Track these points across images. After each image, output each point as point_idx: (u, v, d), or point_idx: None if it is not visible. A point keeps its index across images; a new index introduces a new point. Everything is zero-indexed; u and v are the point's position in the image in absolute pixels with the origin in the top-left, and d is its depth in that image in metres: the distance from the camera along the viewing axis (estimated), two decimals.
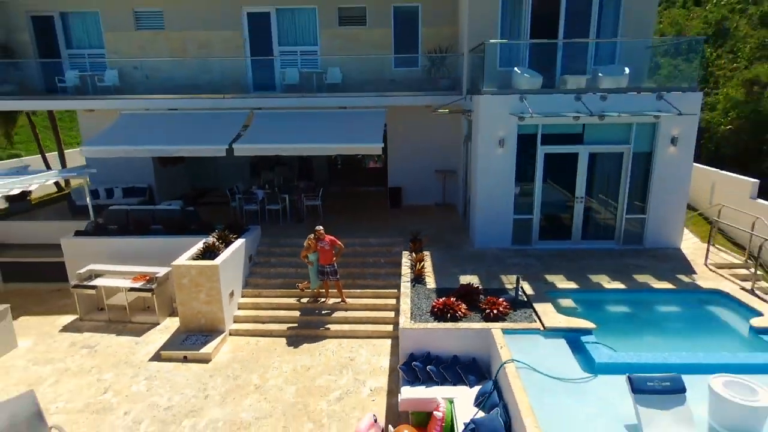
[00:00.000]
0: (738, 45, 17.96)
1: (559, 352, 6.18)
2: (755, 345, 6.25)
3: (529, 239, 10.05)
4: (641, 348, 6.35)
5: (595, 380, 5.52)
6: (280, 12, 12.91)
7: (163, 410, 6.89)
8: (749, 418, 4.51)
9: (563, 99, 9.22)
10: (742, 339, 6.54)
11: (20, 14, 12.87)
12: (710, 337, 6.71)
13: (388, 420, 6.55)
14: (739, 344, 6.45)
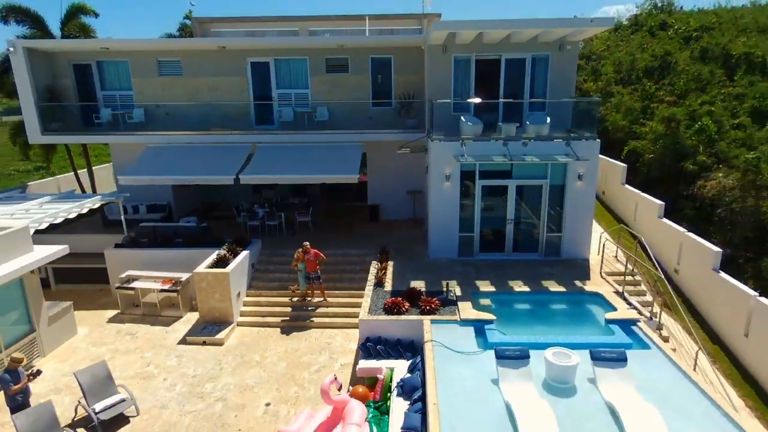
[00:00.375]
0: (674, 79, 20.62)
1: (467, 335, 8.88)
2: (605, 331, 8.95)
3: (472, 252, 12.75)
4: (531, 334, 9.03)
5: (484, 353, 8.21)
6: (278, 62, 15.59)
7: (190, 377, 9.62)
8: (563, 372, 7.22)
9: (495, 144, 11.93)
10: (599, 327, 9.23)
11: (64, 63, 15.56)
12: (579, 327, 9.41)
13: (351, 383, 9.25)
14: (596, 331, 9.14)
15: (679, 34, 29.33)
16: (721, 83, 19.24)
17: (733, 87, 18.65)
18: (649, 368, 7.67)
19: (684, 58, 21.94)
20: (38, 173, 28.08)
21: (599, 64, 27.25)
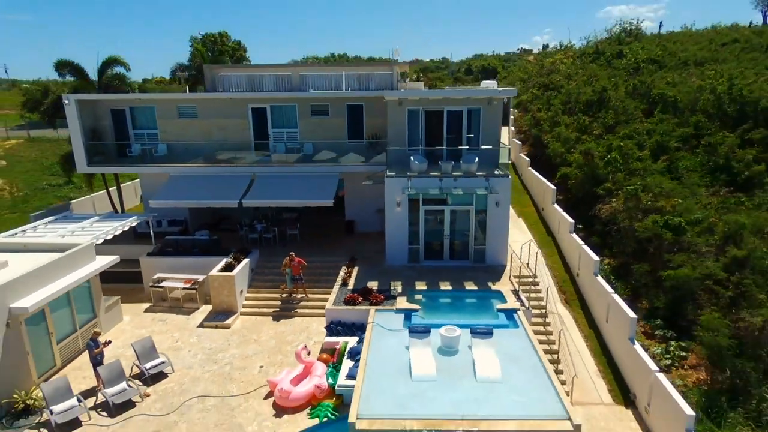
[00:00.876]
0: (605, 113, 24.49)
1: (399, 319, 12.78)
2: (495, 316, 12.84)
3: (418, 259, 16.66)
4: (445, 319, 12.86)
5: (405, 331, 12.10)
6: (273, 107, 19.55)
7: (207, 349, 13.56)
8: (450, 341, 11.12)
9: (433, 180, 15.84)
10: (493, 314, 13.11)
11: (104, 108, 19.54)
12: (480, 314, 13.28)
13: (319, 352, 13.15)
14: (490, 316, 13.02)
15: (629, 65, 33.32)
16: (639, 119, 23.12)
17: (647, 123, 22.52)
18: (512, 339, 11.57)
19: (618, 96, 25.82)
20: (67, 187, 32.03)
21: (553, 94, 31.14)
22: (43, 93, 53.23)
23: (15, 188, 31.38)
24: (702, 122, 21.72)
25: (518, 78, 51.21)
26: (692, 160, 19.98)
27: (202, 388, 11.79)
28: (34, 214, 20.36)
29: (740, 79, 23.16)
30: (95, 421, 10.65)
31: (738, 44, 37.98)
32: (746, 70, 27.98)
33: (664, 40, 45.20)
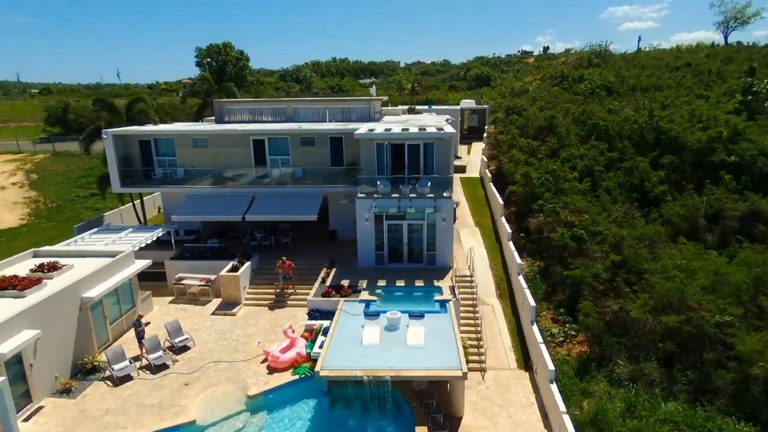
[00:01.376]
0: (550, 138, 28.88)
1: (360, 307, 17.21)
2: (432, 305, 17.25)
3: (383, 262, 21.08)
4: (395, 307, 17.27)
5: (363, 315, 16.53)
6: (270, 139, 23.98)
7: (218, 331, 18.03)
8: (393, 322, 15.55)
9: (394, 200, 20.26)
10: (431, 303, 17.52)
11: (133, 140, 24.05)
12: (422, 303, 17.69)
13: (302, 332, 17.58)
14: (429, 305, 17.42)
15: (585, 90, 37.72)
16: (576, 145, 27.50)
17: (582, 149, 26.90)
18: (439, 321, 15.96)
19: (565, 122, 30.21)
20: (93, 199, 36.51)
21: (515, 118, 35.55)
22: (63, 109, 58.16)
23: (48, 200, 35.97)
24: (626, 148, 26.13)
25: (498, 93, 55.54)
26: (613, 180, 24.39)
27: (216, 356, 16.25)
28: (77, 225, 24.86)
29: (659, 111, 27.52)
30: (142, 377, 15.13)
31: (690, 68, 42.47)
32: (678, 98, 32.45)
33: (629, 61, 49.66)
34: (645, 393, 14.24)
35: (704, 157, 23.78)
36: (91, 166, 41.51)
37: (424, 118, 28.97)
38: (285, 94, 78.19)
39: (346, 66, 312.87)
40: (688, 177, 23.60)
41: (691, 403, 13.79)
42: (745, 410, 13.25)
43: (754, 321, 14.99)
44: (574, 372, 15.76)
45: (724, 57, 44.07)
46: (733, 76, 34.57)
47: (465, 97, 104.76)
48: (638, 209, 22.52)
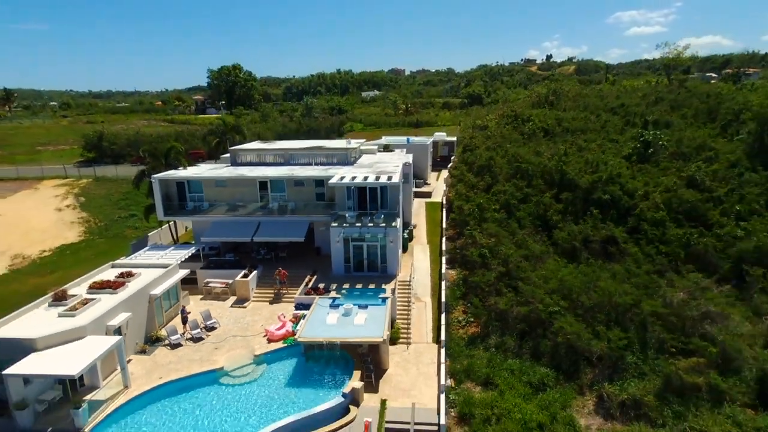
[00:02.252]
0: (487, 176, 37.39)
1: (328, 302, 25.77)
2: (377, 300, 25.79)
3: (350, 271, 29.67)
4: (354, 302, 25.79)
5: (331, 307, 25.11)
6: (272, 181, 32.75)
7: (234, 317, 26.75)
8: (348, 312, 24.17)
9: (357, 228, 28.90)
10: (377, 299, 26.06)
11: (172, 182, 32.91)
12: (371, 299, 26.22)
13: (291, 318, 26.21)
14: (373, 300, 25.94)
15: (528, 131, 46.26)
16: (502, 182, 36.00)
17: (507, 185, 35.40)
18: (378, 310, 24.43)
19: (500, 163, 38.73)
20: (132, 219, 45.42)
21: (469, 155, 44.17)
22: (99, 137, 67.52)
23: (97, 219, 44.98)
24: (539, 185, 34.65)
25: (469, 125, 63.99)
26: (524, 211, 32.89)
27: (233, 333, 24.90)
28: (132, 243, 33.72)
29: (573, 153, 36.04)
30: (187, 345, 23.80)
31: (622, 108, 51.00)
32: (594, 142, 40.98)
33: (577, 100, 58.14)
34: (503, 356, 22.77)
35: (590, 194, 32.33)
36: (127, 191, 50.60)
37: (387, 161, 37.44)
38: (289, 119, 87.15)
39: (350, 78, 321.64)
40: (579, 209, 32.13)
41: (529, 361, 22.31)
42: (555, 364, 21.77)
43: (576, 310, 23.50)
44: (465, 344, 24.27)
45: (652, 99, 52.58)
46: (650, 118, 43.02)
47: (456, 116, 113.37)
48: (540, 233, 31.08)
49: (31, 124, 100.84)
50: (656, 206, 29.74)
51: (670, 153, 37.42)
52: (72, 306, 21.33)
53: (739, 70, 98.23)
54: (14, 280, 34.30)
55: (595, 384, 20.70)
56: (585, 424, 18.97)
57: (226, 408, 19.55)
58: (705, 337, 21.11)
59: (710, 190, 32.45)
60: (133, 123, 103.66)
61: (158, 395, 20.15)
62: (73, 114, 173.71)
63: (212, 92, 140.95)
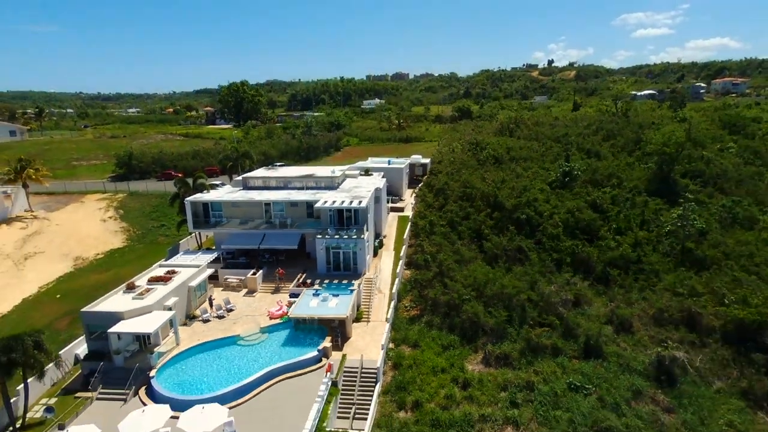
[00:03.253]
0: (441, 197, 47.84)
1: (312, 292, 36.38)
2: (345, 291, 36.33)
3: (330, 270, 40.23)
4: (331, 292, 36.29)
5: (314, 294, 35.69)
6: (273, 203, 43.43)
7: (247, 303, 37.41)
8: (324, 297, 34.75)
9: (335, 239, 39.50)
10: (345, 290, 36.59)
11: (199, 204, 43.64)
12: (341, 290, 36.75)
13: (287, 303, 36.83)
14: (343, 291, 36.46)
15: (484, 157, 56.65)
16: (452, 203, 46.40)
17: (454, 205, 45.81)
18: (346, 297, 34.90)
19: (453, 187, 49.14)
20: (162, 228, 56.12)
21: (431, 178, 54.64)
22: (129, 156, 78.51)
23: (135, 229, 55.83)
24: (479, 206, 45.10)
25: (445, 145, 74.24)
26: (465, 226, 43.34)
27: (246, 313, 35.50)
28: (169, 248, 44.43)
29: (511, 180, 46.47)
30: (214, 321, 34.45)
31: (565, 137, 61.29)
32: (530, 169, 51.37)
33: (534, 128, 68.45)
34: (429, 329, 33.28)
35: (512, 214, 42.81)
36: (156, 204, 61.51)
37: (363, 185, 47.73)
38: (291, 137, 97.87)
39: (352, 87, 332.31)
40: (504, 225, 42.58)
41: (445, 332, 32.80)
42: (462, 333, 32.26)
43: (481, 298, 33.99)
44: (406, 322, 34.77)
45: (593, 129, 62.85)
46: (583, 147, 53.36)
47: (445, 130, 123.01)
48: (474, 243, 41.54)
49: (62, 139, 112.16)
50: (555, 224, 40.15)
51: (583, 180, 47.80)
52: (140, 292, 32.04)
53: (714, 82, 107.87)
54: (79, 276, 45.13)
55: (485, 346, 31.15)
56: (470, 368, 29.45)
57: (240, 359, 30.12)
58: (558, 316, 31.54)
59: (605, 211, 42.85)
60: (152, 137, 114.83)
61: (197, 350, 30.76)
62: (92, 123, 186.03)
63: (222, 106, 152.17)
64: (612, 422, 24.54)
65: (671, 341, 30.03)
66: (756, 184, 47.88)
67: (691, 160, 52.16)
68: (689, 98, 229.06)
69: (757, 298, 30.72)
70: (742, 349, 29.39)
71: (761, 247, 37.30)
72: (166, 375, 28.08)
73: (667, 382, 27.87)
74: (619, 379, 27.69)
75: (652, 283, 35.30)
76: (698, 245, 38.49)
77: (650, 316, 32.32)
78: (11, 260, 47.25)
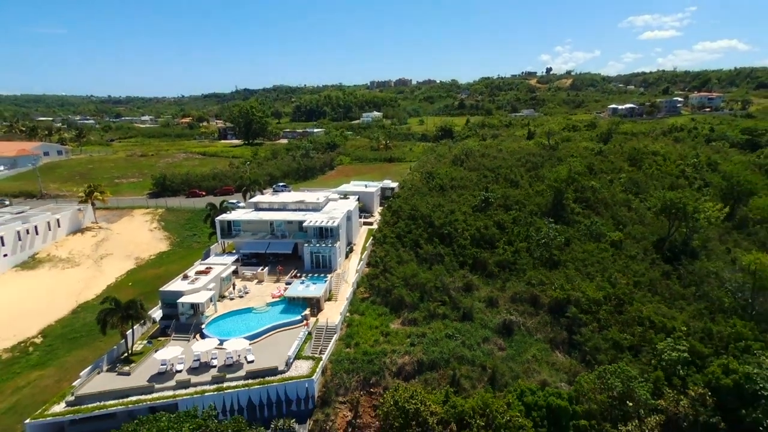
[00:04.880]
0: (400, 223, 66.89)
1: (299, 281, 55.56)
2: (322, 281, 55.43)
3: (313, 267, 59.43)
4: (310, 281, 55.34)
5: (303, 282, 54.84)
6: (275, 221, 62.68)
7: (258, 288, 56.67)
8: (307, 283, 53.90)
9: (318, 246, 58.69)
10: (322, 281, 55.69)
11: (225, 222, 62.95)
12: (319, 281, 55.85)
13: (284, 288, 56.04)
14: (320, 281, 55.56)
15: (433, 185, 75.83)
16: (404, 223, 65.37)
17: (403, 224, 64.80)
18: (321, 284, 54.02)
19: (405, 209, 68.14)
20: (195, 237, 75.35)
21: (392, 201, 73.87)
22: (163, 177, 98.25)
23: (174, 237, 75.25)
24: (420, 224, 64.11)
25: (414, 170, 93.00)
26: (408, 238, 62.33)
27: (257, 295, 54.64)
28: (204, 251, 63.74)
29: (448, 205, 65.52)
30: (237, 300, 53.65)
31: (499, 167, 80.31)
32: (464, 195, 70.42)
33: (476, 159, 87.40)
34: (372, 304, 52.44)
35: (440, 230, 61.89)
36: (188, 218, 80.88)
37: (340, 207, 66.69)
38: (292, 159, 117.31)
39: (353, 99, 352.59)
40: (434, 237, 61.60)
41: (381, 306, 51.96)
42: (392, 307, 51.40)
43: (407, 285, 53.12)
44: (360, 301, 53.86)
45: (523, 160, 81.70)
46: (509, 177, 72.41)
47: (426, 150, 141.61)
48: (414, 250, 60.53)
49: (100, 158, 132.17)
50: (465, 237, 59.13)
51: (497, 205, 66.71)
52: (191, 280, 51.31)
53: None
54: (141, 271, 64.48)
55: (403, 314, 50.10)
56: (392, 327, 48.42)
57: (254, 320, 49.23)
58: (450, 296, 50.53)
59: (505, 228, 61.78)
60: (175, 156, 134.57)
61: (226, 315, 49.87)
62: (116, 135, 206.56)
63: (233, 125, 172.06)
64: (465, 353, 43.36)
65: (517, 312, 48.82)
66: (619, 209, 66.52)
67: (583, 190, 70.88)
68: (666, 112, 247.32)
69: (568, 286, 49.41)
70: (556, 315, 48.12)
71: (596, 254, 56.02)
72: (211, 327, 47.34)
73: (506, 334, 46.65)
74: (477, 332, 46.47)
75: (519, 277, 54.04)
76: (561, 252, 57.26)
77: (509, 297, 51.13)
78: (92, 259, 66.87)
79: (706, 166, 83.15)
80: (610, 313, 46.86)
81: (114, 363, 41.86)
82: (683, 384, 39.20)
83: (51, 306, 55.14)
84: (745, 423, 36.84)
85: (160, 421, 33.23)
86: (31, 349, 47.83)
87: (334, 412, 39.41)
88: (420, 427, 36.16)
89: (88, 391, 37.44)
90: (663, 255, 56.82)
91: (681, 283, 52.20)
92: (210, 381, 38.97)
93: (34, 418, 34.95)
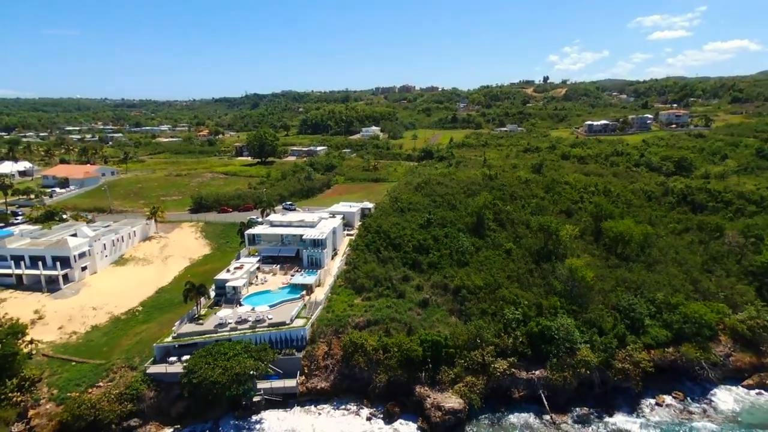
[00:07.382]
0: (367, 231, 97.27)
1: (300, 273, 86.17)
2: (314, 273, 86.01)
3: (309, 265, 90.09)
4: (305, 272, 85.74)
5: (300, 275, 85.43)
6: (284, 235, 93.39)
7: (273, 279, 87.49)
8: (303, 275, 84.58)
9: (312, 251, 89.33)
10: (314, 273, 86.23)
11: (251, 235, 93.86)
12: (311, 274, 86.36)
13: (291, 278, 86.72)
14: (312, 274, 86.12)
15: (398, 207, 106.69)
16: (371, 235, 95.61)
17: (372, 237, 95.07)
18: (313, 275, 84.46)
19: (373, 226, 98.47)
20: (227, 244, 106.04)
21: (370, 218, 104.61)
22: (200, 197, 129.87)
23: (213, 244, 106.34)
24: (382, 237, 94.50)
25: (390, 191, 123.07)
26: (373, 247, 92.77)
27: (273, 283, 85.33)
28: (237, 254, 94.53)
29: (396, 225, 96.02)
30: (260, 285, 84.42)
31: (453, 192, 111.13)
32: (437, 213, 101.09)
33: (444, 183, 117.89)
34: (347, 288, 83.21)
35: (394, 240, 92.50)
36: (221, 230, 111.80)
37: (329, 225, 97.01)
38: (296, 181, 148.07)
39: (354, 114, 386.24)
40: (396, 247, 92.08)
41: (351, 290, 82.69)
42: (358, 292, 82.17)
43: (368, 278, 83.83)
44: (337, 288, 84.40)
45: (475, 188, 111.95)
46: (452, 202, 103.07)
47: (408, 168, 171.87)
48: (378, 255, 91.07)
49: (144, 177, 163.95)
50: (408, 246, 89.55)
51: (436, 223, 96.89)
52: (232, 272, 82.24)
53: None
54: (194, 268, 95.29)
55: (363, 294, 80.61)
56: (356, 302, 79.12)
57: (271, 297, 79.78)
58: (392, 284, 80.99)
59: (438, 239, 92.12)
60: (204, 175, 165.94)
61: (255, 294, 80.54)
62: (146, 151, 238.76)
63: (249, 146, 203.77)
64: (396, 316, 73.56)
65: (433, 293, 78.91)
66: (520, 227, 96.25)
67: (500, 212, 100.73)
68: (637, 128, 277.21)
69: (465, 277, 79.45)
70: (456, 296, 78.18)
71: (492, 258, 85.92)
72: (246, 300, 78.10)
73: (424, 306, 76.75)
74: (406, 305, 76.47)
75: (439, 272, 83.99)
76: (470, 257, 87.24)
77: (430, 285, 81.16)
78: (159, 259, 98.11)
79: (601, 193, 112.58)
80: (486, 294, 76.97)
81: (191, 319, 72.89)
82: (514, 332, 69.39)
83: (141, 289, 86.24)
84: (543, 353, 67.01)
85: (223, 345, 64.30)
86: (137, 313, 78.96)
87: (318, 346, 70.04)
88: (364, 353, 66.79)
89: (182, 331, 68.51)
90: (536, 258, 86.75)
91: (540, 276, 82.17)
92: (247, 328, 69.86)
93: (158, 343, 66.14)
